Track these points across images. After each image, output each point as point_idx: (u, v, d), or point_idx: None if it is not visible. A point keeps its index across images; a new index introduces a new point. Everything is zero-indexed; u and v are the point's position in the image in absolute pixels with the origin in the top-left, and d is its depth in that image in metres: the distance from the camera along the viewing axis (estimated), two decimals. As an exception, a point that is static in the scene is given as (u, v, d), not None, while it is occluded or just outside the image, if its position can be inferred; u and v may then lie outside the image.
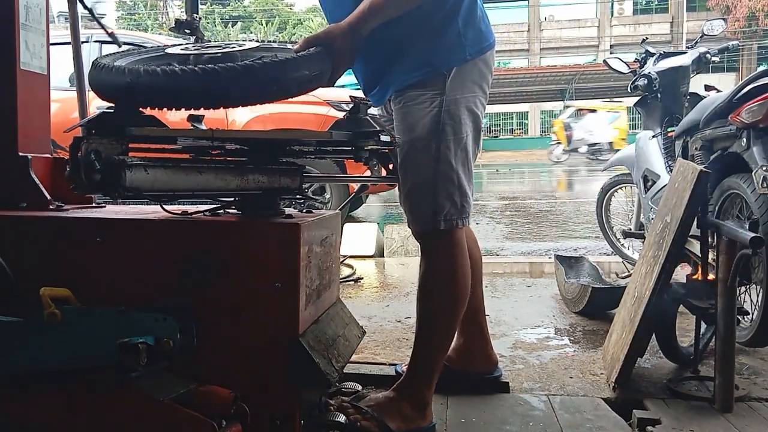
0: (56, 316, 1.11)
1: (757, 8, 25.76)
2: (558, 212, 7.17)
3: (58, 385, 1.15)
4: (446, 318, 1.54)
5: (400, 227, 4.31)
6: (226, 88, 1.14)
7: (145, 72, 1.14)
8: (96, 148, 1.08)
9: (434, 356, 1.54)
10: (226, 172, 1.24)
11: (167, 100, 1.16)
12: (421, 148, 1.45)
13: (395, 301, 2.98)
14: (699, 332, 1.91)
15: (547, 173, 15.13)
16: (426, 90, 1.45)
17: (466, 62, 1.46)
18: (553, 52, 32.36)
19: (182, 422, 1.08)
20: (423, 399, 1.53)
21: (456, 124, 1.45)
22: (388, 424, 1.47)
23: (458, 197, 1.47)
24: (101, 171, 1.07)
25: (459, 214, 1.48)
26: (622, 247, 3.75)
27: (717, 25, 3.38)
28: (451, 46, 1.45)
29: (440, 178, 1.45)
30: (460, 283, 1.53)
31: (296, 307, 1.22)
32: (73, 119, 2.81)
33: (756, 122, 2.06)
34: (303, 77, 1.22)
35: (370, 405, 1.51)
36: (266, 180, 1.29)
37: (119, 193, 1.08)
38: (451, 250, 1.50)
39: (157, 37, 5.26)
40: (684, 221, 1.78)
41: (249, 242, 1.23)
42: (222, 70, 1.13)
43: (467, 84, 1.47)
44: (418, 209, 1.49)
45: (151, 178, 1.12)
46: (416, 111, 1.45)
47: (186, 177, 1.18)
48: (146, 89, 1.14)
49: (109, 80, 1.17)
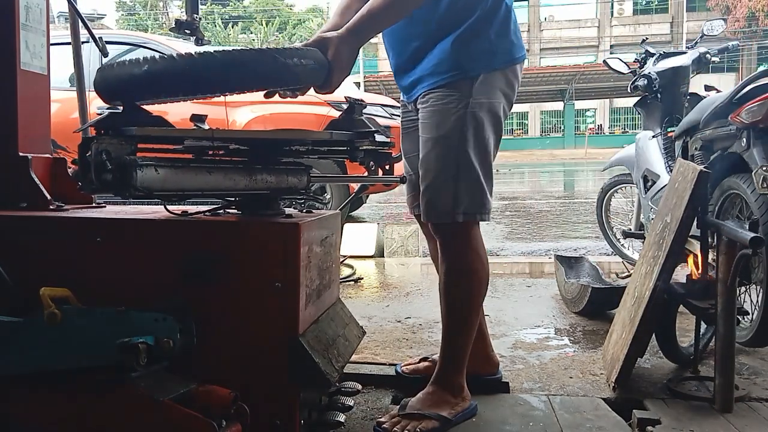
0: (56, 316, 1.11)
1: (757, 8, 25.76)
2: (558, 212, 7.17)
3: (58, 385, 1.15)
4: (471, 307, 1.62)
5: (400, 227, 4.31)
6: (247, 68, 1.13)
7: (161, 58, 1.13)
8: (106, 148, 1.08)
9: (463, 344, 1.63)
10: (235, 172, 1.24)
11: (185, 86, 1.15)
12: (445, 145, 1.52)
13: (395, 301, 2.98)
14: (699, 332, 1.91)
15: (547, 173, 15.12)
16: (453, 92, 1.51)
17: (495, 70, 1.53)
18: (553, 52, 32.40)
19: (182, 422, 1.08)
20: (459, 384, 1.64)
21: (479, 125, 1.52)
22: (441, 414, 1.56)
23: (479, 194, 1.55)
24: (112, 171, 1.08)
25: (477, 209, 1.55)
26: (622, 247, 3.75)
27: (717, 25, 3.39)
28: (481, 53, 1.51)
29: (461, 174, 1.52)
30: (480, 272, 1.61)
31: (296, 307, 1.22)
32: (73, 119, 2.81)
33: (756, 122, 2.06)
34: (298, 66, 1.20)
35: (416, 407, 1.58)
36: (274, 180, 1.30)
37: (130, 192, 1.09)
38: (470, 242, 1.59)
39: (157, 37, 5.26)
40: (684, 221, 1.78)
41: (249, 242, 1.23)
42: (238, 52, 1.14)
43: (493, 90, 1.54)
44: (438, 202, 1.55)
45: (161, 178, 1.12)
46: (443, 111, 1.52)
47: (195, 177, 1.19)
48: (164, 74, 1.12)
49: (124, 72, 1.15)
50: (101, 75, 1.19)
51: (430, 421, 1.55)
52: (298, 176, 1.35)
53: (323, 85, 1.30)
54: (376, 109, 4.81)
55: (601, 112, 33.62)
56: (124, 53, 4.78)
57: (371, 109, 4.74)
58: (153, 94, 1.17)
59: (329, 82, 1.29)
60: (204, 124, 1.29)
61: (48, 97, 1.62)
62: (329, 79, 1.29)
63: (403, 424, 1.54)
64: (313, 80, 1.27)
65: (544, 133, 33.40)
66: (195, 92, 1.17)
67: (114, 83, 1.17)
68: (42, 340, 1.13)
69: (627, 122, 32.48)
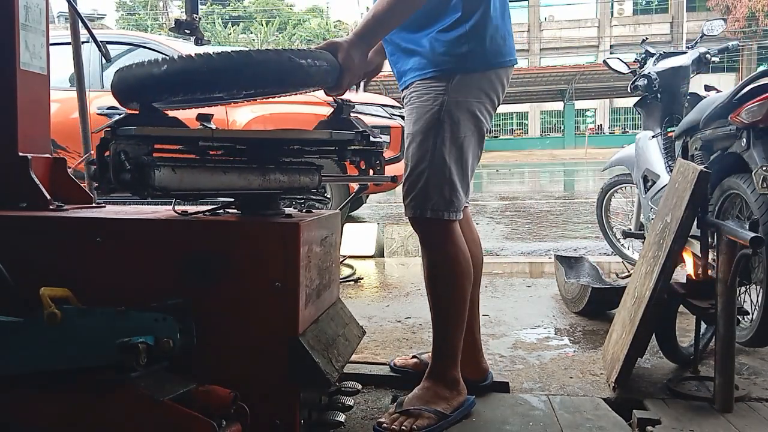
0: (56, 316, 1.11)
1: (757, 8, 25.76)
2: (558, 212, 7.18)
3: (58, 385, 1.15)
4: (455, 299, 1.62)
5: (400, 227, 4.32)
6: (261, 68, 1.16)
7: (180, 58, 1.15)
8: (124, 148, 1.11)
9: (454, 336, 1.64)
10: (249, 172, 1.25)
11: (202, 85, 1.16)
12: (419, 140, 1.55)
13: (395, 301, 2.98)
14: (699, 332, 1.91)
15: (547, 173, 15.13)
16: (430, 90, 1.55)
17: (473, 72, 1.54)
18: (553, 53, 32.39)
19: (182, 422, 1.08)
20: (454, 377, 1.64)
21: (454, 123, 1.54)
22: (437, 409, 1.57)
23: (447, 191, 1.55)
24: (131, 171, 1.10)
25: (446, 207, 1.56)
26: (622, 247, 3.75)
27: (717, 25, 3.38)
28: (455, 55, 1.53)
29: (432, 170, 1.54)
30: (462, 264, 1.61)
31: (296, 307, 1.22)
32: (73, 119, 2.81)
33: (756, 122, 2.06)
34: (312, 66, 1.23)
35: (412, 403, 1.59)
36: (287, 180, 1.31)
37: (149, 192, 1.11)
38: (444, 239, 1.59)
39: (158, 37, 5.26)
40: (684, 221, 1.78)
41: (249, 242, 1.23)
42: (255, 52, 1.17)
43: (473, 90, 1.55)
44: (410, 196, 1.58)
45: (178, 178, 1.14)
46: (419, 107, 1.56)
47: (211, 177, 1.21)
48: (182, 73, 1.14)
49: (144, 73, 1.17)
50: (119, 76, 1.21)
51: (427, 416, 1.56)
52: (310, 176, 1.38)
53: (334, 86, 1.34)
54: (376, 108, 4.80)
55: (601, 112, 33.63)
56: (124, 53, 4.77)
57: (371, 109, 4.74)
58: (171, 93, 1.19)
59: (340, 83, 1.34)
60: (210, 124, 1.30)
61: (48, 97, 1.62)
62: (340, 81, 1.33)
63: (400, 420, 1.54)
64: (325, 81, 1.30)
65: (544, 133, 33.39)
66: (212, 91, 1.19)
67: (133, 83, 1.19)
68: (42, 340, 1.13)
69: (627, 122, 32.47)
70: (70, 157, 3.30)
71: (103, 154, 1.12)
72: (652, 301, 1.78)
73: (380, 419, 1.57)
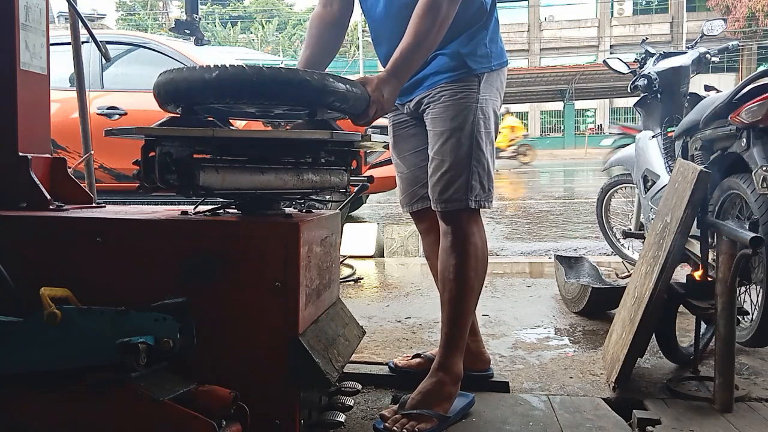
0: (56, 316, 1.10)
1: (757, 8, 25.75)
2: (558, 212, 7.18)
3: (58, 385, 1.15)
4: (475, 291, 1.69)
5: (400, 227, 4.32)
6: (306, 85, 1.22)
7: (231, 66, 1.19)
8: (169, 150, 1.15)
9: (464, 327, 1.68)
10: (285, 172, 1.29)
11: (250, 94, 1.21)
12: (460, 136, 1.63)
13: (395, 301, 2.98)
14: (699, 332, 1.91)
15: (547, 173, 15.13)
16: (465, 88, 1.65)
17: (492, 71, 1.68)
18: (553, 53, 32.38)
19: (182, 422, 1.08)
20: (459, 370, 1.67)
21: (486, 119, 1.66)
22: (439, 412, 1.59)
23: (486, 181, 1.66)
24: (177, 171, 1.15)
25: (486, 197, 1.67)
26: (622, 247, 3.75)
27: (717, 25, 3.38)
28: (481, 56, 1.67)
29: (474, 163, 1.64)
30: (485, 257, 1.70)
31: (296, 307, 1.22)
32: (73, 119, 2.81)
33: (756, 122, 2.06)
34: (349, 92, 1.30)
35: (417, 400, 1.60)
36: (318, 179, 1.35)
37: (194, 191, 1.16)
38: (479, 229, 1.69)
39: (158, 37, 5.26)
40: (684, 221, 1.78)
41: (249, 242, 1.23)
42: (302, 71, 1.24)
43: (493, 89, 1.69)
44: (452, 189, 1.64)
45: (220, 178, 1.18)
46: (456, 105, 1.64)
47: (250, 177, 1.24)
48: (233, 81, 1.18)
49: (193, 77, 1.20)
50: (166, 77, 1.24)
51: (428, 419, 1.57)
52: (339, 176, 1.42)
53: (361, 115, 1.40)
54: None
55: (601, 112, 33.61)
56: (124, 53, 4.77)
57: None
58: (218, 98, 1.22)
59: (366, 113, 1.41)
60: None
61: (48, 97, 1.61)
62: (367, 110, 1.40)
63: (403, 422, 1.55)
64: (356, 108, 1.36)
65: (544, 133, 33.37)
66: (257, 100, 1.24)
67: (181, 85, 1.22)
68: (42, 340, 1.13)
69: (627, 122, 32.40)
70: (70, 157, 3.30)
71: (148, 154, 1.16)
72: (652, 301, 1.78)
73: (383, 412, 1.60)
